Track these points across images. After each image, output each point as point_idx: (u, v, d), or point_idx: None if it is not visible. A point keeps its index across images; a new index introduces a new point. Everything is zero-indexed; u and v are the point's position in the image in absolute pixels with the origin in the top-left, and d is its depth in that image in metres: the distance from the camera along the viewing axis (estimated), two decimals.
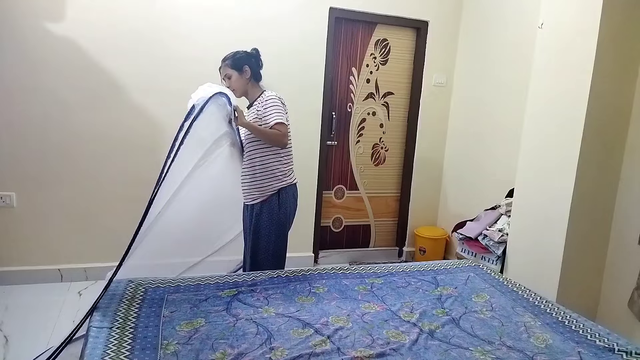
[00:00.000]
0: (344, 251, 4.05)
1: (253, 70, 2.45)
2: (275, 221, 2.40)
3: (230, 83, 2.44)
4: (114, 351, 1.52)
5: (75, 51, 3.04)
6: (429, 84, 3.95)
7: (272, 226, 2.40)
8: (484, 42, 3.66)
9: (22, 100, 2.98)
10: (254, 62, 2.46)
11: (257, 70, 2.48)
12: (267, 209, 2.40)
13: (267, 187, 2.40)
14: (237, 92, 2.45)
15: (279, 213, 2.40)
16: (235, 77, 2.42)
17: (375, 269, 2.42)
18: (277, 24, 3.42)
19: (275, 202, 2.40)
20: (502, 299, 2.10)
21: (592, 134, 2.41)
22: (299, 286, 2.13)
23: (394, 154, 4.09)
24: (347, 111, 3.88)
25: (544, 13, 2.65)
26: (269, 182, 2.39)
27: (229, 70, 2.43)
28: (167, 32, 3.19)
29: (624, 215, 2.51)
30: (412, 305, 2.01)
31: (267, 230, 2.40)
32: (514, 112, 3.19)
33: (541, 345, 1.73)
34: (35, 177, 3.07)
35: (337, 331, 1.74)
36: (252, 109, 2.44)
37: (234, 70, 2.42)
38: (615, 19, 2.33)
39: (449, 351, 1.66)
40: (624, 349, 1.67)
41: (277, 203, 2.40)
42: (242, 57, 2.44)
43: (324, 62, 3.60)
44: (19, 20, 2.90)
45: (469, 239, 3.16)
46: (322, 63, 3.60)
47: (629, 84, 2.45)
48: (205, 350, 1.57)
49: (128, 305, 1.83)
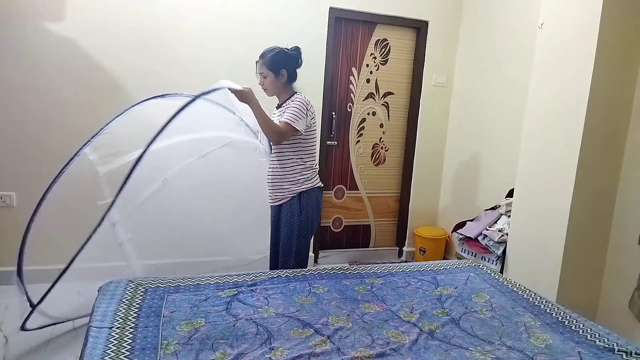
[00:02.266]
0: (344, 251, 4.05)
1: (290, 73, 2.37)
2: (297, 223, 2.40)
3: (264, 82, 2.37)
4: (114, 351, 1.51)
5: (75, 51, 3.04)
6: (429, 84, 3.95)
7: (293, 228, 2.40)
8: (484, 42, 3.65)
9: (22, 100, 2.98)
10: (292, 63, 2.37)
11: (294, 72, 2.40)
12: (288, 211, 2.41)
13: (287, 189, 2.40)
14: (268, 92, 2.40)
15: (300, 216, 2.40)
16: (271, 79, 2.34)
17: (375, 269, 2.41)
18: (277, 23, 3.42)
19: (297, 205, 2.40)
20: (502, 299, 2.10)
21: (592, 133, 2.41)
22: (299, 286, 2.13)
23: (394, 154, 4.09)
24: (347, 111, 3.88)
25: (544, 13, 2.65)
26: (289, 185, 2.39)
27: (265, 70, 2.34)
28: (167, 31, 3.19)
29: (624, 215, 2.51)
30: (412, 306, 2.01)
31: (288, 231, 2.41)
32: (514, 112, 3.19)
33: (541, 345, 1.72)
34: (35, 177, 3.07)
35: (337, 331, 1.74)
36: (280, 110, 2.41)
37: (271, 72, 2.33)
38: (615, 19, 2.33)
39: (449, 351, 1.66)
40: (624, 349, 1.67)
41: (298, 206, 2.40)
42: (281, 59, 2.33)
43: (324, 62, 3.60)
44: (19, 20, 2.90)
45: (469, 239, 3.16)
46: (322, 63, 3.60)
47: (629, 84, 2.45)
48: (205, 351, 1.57)
49: (128, 305, 1.83)
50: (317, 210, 2.49)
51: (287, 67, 2.35)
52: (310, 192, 2.43)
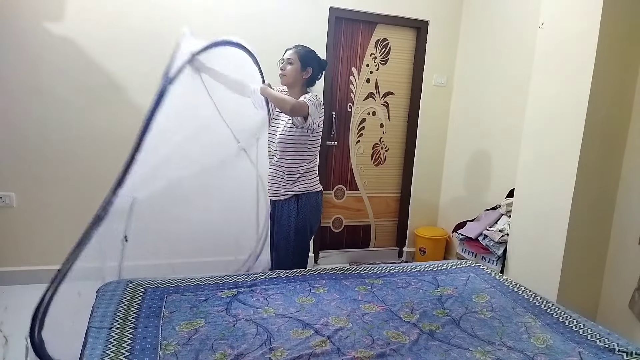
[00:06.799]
0: (344, 251, 4.04)
1: (313, 74, 2.43)
2: (294, 224, 2.41)
3: (286, 68, 2.39)
4: (114, 352, 1.51)
5: (75, 51, 3.03)
6: (429, 84, 3.95)
7: (290, 229, 2.42)
8: (484, 42, 3.65)
9: (22, 100, 2.98)
10: (318, 68, 2.45)
11: (316, 77, 2.47)
12: (286, 209, 2.42)
13: (286, 188, 2.41)
14: (286, 78, 2.42)
15: (297, 217, 2.41)
16: (296, 67, 2.38)
17: (375, 269, 2.41)
18: (277, 23, 3.42)
19: (294, 206, 2.41)
20: (502, 300, 2.10)
21: (592, 134, 2.40)
22: (299, 286, 2.12)
23: (394, 154, 4.09)
24: (347, 111, 3.87)
25: (544, 13, 2.65)
26: (289, 185, 2.41)
27: (294, 58, 2.38)
28: (166, 31, 3.18)
29: (624, 215, 2.51)
30: (412, 306, 2.01)
31: (285, 232, 2.43)
32: (514, 112, 3.19)
33: (541, 345, 1.72)
34: (35, 177, 3.07)
35: (337, 332, 1.74)
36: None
37: (300, 62, 2.38)
38: (615, 19, 2.33)
39: (449, 352, 1.66)
40: (624, 349, 1.67)
41: (295, 207, 2.41)
42: (312, 57, 2.42)
43: None
44: (19, 20, 2.90)
45: (469, 239, 3.16)
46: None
47: (629, 84, 2.45)
48: (205, 351, 1.56)
49: (128, 305, 1.82)
50: (316, 212, 2.49)
51: (314, 68, 2.42)
52: (309, 195, 2.43)
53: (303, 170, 2.41)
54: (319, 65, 2.45)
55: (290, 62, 2.39)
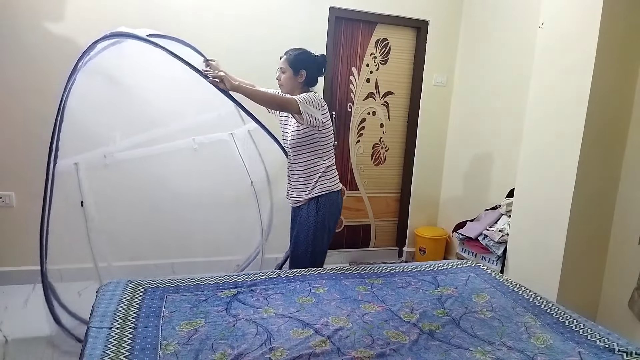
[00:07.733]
0: (344, 251, 4.04)
1: (309, 75, 2.39)
2: (313, 225, 2.41)
3: (281, 77, 2.40)
4: (114, 351, 1.51)
5: (75, 51, 3.02)
6: (429, 84, 3.95)
7: (309, 230, 2.42)
8: (484, 42, 3.65)
9: (22, 100, 2.97)
10: (314, 67, 2.39)
11: (314, 76, 2.42)
12: (305, 210, 2.43)
13: (305, 193, 2.42)
14: (284, 87, 2.42)
15: (316, 217, 2.41)
16: (289, 75, 2.37)
17: (375, 269, 2.41)
18: (277, 23, 3.42)
19: (314, 207, 2.41)
20: (502, 299, 2.10)
21: (592, 134, 2.40)
22: (299, 286, 2.12)
23: (394, 154, 4.09)
24: (347, 111, 3.87)
25: (544, 13, 2.65)
26: (307, 189, 2.41)
27: (285, 65, 2.37)
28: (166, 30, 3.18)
29: (624, 215, 2.51)
30: (412, 306, 2.00)
31: (305, 232, 2.43)
32: (514, 112, 3.19)
33: (541, 345, 1.72)
34: (35, 177, 3.06)
35: (337, 331, 1.74)
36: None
37: (290, 68, 2.36)
38: (615, 19, 2.33)
39: (449, 351, 1.66)
40: (624, 349, 1.67)
41: (315, 208, 2.41)
42: (303, 60, 2.37)
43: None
44: (19, 20, 2.90)
45: (469, 239, 3.16)
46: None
47: (629, 84, 2.45)
48: (205, 351, 1.56)
49: (128, 305, 1.82)
50: (336, 211, 2.49)
51: (308, 69, 2.38)
52: (329, 194, 2.43)
53: (323, 169, 2.40)
54: (315, 63, 2.41)
55: (282, 70, 2.39)
